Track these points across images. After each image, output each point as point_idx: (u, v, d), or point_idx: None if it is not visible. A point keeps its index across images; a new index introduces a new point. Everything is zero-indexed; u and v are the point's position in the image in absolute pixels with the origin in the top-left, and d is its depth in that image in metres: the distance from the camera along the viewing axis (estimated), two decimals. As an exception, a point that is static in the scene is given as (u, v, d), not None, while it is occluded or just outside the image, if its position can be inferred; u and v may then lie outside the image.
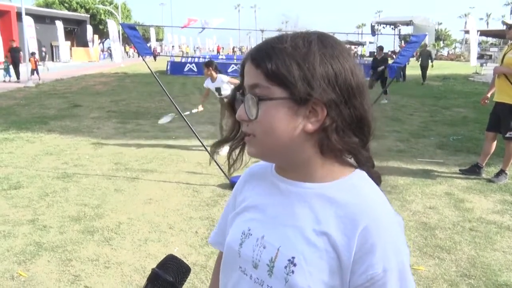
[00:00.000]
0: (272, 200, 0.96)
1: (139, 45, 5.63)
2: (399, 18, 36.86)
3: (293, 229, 0.89)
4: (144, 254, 3.66)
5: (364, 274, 0.83)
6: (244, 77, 0.91)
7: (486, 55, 40.64)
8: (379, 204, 0.90)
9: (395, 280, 0.84)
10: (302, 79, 0.84)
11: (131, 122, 9.87)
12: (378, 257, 0.83)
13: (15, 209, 4.62)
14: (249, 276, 0.94)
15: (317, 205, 0.89)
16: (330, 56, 0.86)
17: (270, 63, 0.85)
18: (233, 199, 1.10)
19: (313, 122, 0.86)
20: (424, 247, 3.87)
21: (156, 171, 6.09)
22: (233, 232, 1.00)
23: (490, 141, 5.89)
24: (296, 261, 0.86)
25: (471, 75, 24.95)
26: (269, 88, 0.85)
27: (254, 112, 0.86)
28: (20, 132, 8.49)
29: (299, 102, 0.84)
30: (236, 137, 0.99)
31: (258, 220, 0.96)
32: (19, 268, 3.45)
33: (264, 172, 1.03)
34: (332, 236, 0.85)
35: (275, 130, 0.86)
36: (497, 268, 3.53)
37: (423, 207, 4.82)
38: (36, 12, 36.17)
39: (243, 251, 0.95)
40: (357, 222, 0.84)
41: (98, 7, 54.51)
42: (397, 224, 0.89)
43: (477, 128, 8.85)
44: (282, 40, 0.88)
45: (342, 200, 0.88)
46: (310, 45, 0.86)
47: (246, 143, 0.93)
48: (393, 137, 8.32)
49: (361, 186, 0.91)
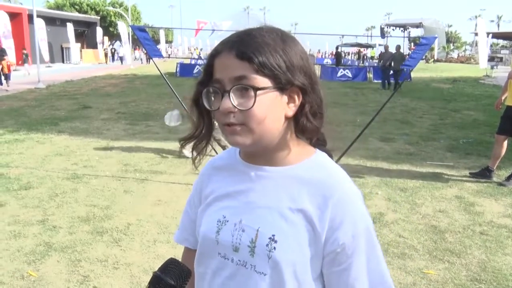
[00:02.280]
0: (244, 186, 1.02)
1: (149, 47, 5.66)
2: (408, 21, 36.68)
3: (269, 210, 0.97)
4: (153, 255, 3.66)
5: (336, 241, 0.93)
6: (217, 71, 0.93)
7: (496, 57, 40.32)
8: (345, 179, 0.99)
9: (363, 243, 0.94)
10: (286, 70, 0.92)
11: (141, 123, 9.91)
12: (347, 225, 0.93)
13: (25, 209, 4.66)
14: (230, 260, 0.99)
15: (290, 185, 0.97)
16: (298, 49, 0.96)
17: (260, 56, 0.90)
18: (196, 194, 1.15)
19: (291, 107, 0.95)
20: (434, 250, 3.84)
21: (165, 172, 6.11)
22: (207, 222, 1.04)
23: (501, 144, 5.85)
24: (277, 238, 0.94)
25: (482, 78, 24.76)
26: (256, 79, 0.90)
27: (249, 102, 0.89)
28: (30, 133, 8.56)
29: (282, 90, 0.92)
30: (201, 132, 1.04)
31: (232, 207, 1.01)
32: (29, 268, 3.48)
33: (228, 163, 1.10)
34: (308, 211, 0.94)
35: (266, 119, 0.92)
36: (508, 273, 3.49)
37: (433, 210, 4.79)
38: (47, 14, 36.49)
39: (221, 237, 1.00)
40: (328, 197, 0.94)
41: (108, 9, 54.90)
42: (359, 194, 0.99)
43: (488, 131, 8.78)
44: (261, 34, 0.93)
45: (312, 178, 0.97)
46: (284, 39, 0.95)
47: (230, 134, 0.94)
48: (402, 140, 8.28)
49: (327, 164, 1.01)
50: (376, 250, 0.97)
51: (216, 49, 0.95)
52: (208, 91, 0.96)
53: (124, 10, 51.63)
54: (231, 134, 0.94)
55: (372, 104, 13.22)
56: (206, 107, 0.97)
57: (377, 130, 9.00)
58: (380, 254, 0.98)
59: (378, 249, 0.97)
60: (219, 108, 0.92)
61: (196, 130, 1.04)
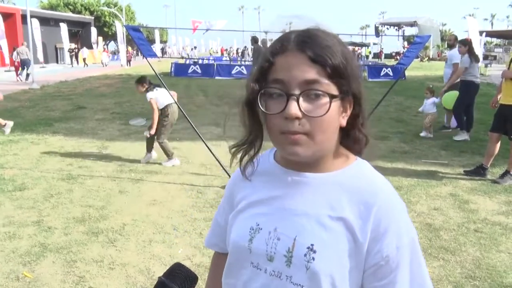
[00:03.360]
0: (280, 192, 0.95)
1: (143, 47, 5.65)
2: (403, 19, 36.86)
3: (307, 218, 0.90)
4: (149, 255, 3.66)
5: (379, 253, 0.87)
6: (280, 70, 0.85)
7: (490, 56, 40.47)
8: (388, 188, 0.94)
9: (407, 256, 0.89)
10: (349, 78, 0.87)
11: (135, 123, 9.88)
12: (391, 236, 0.87)
13: (20, 211, 4.64)
14: (263, 270, 0.93)
15: (330, 192, 0.91)
16: (351, 54, 0.90)
17: (333, 60, 0.84)
18: (228, 200, 1.08)
19: (344, 117, 0.90)
20: (428, 248, 3.86)
21: (161, 172, 6.10)
22: (239, 229, 0.98)
23: (494, 142, 5.88)
24: (316, 247, 0.88)
25: (476, 76, 24.84)
26: (329, 85, 0.85)
27: (322, 109, 0.84)
28: (25, 134, 8.53)
29: (342, 99, 0.88)
30: (255, 139, 0.97)
31: (266, 214, 0.95)
32: (24, 269, 3.47)
33: (262, 167, 1.02)
34: (348, 220, 0.88)
35: (330, 128, 0.87)
36: (502, 270, 3.51)
37: (428, 208, 4.81)
38: (41, 15, 36.34)
39: (255, 246, 0.94)
40: (371, 205, 0.88)
41: (103, 9, 54.72)
42: (404, 205, 0.94)
43: (482, 129, 8.81)
44: (326, 36, 0.87)
45: (353, 186, 0.91)
46: (342, 44, 0.89)
47: (290, 144, 0.86)
48: (397, 138, 8.30)
49: (369, 172, 0.96)
50: (421, 264, 0.92)
51: (281, 46, 0.87)
52: (268, 93, 0.87)
53: (119, 10, 51.50)
54: (291, 144, 0.86)
55: (367, 102, 13.21)
56: (262, 110, 0.88)
57: (372, 128, 9.00)
58: (425, 269, 0.92)
59: (423, 263, 0.92)
60: (284, 112, 0.84)
61: (249, 135, 0.96)
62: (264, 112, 0.88)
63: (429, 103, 8.61)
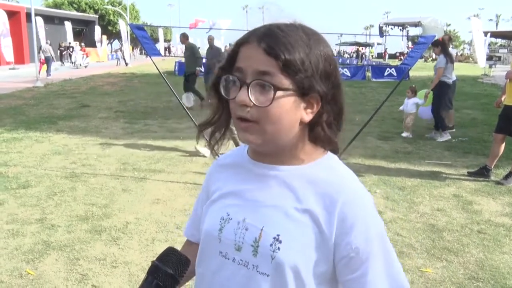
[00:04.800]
0: (250, 185, 0.99)
1: (147, 46, 5.65)
2: (407, 19, 36.77)
3: (274, 209, 0.93)
4: (151, 254, 3.67)
5: (348, 245, 0.89)
6: (241, 59, 0.90)
7: (495, 56, 40.35)
8: (354, 181, 0.96)
9: (378, 248, 0.91)
10: (311, 74, 0.88)
11: (139, 122, 9.90)
12: (359, 229, 0.89)
13: (23, 208, 4.66)
14: (231, 259, 0.96)
15: (297, 185, 0.94)
16: (326, 52, 0.91)
17: (288, 55, 0.86)
18: (205, 191, 1.13)
19: (308, 113, 0.92)
20: (431, 249, 3.85)
21: (164, 171, 6.11)
22: (211, 219, 1.01)
23: (499, 143, 5.86)
24: (281, 238, 0.90)
25: (480, 77, 24.77)
26: (280, 78, 0.87)
27: (267, 100, 0.86)
28: (28, 131, 8.55)
29: (302, 95, 0.89)
30: (219, 119, 1.00)
31: (237, 205, 0.98)
32: (27, 266, 3.48)
33: (236, 160, 1.07)
34: (314, 212, 0.91)
35: (281, 120, 0.89)
36: (506, 271, 3.50)
37: (431, 209, 4.80)
38: (45, 13, 36.45)
39: (224, 235, 0.97)
40: (336, 198, 0.91)
41: (107, 8, 54.82)
42: (370, 198, 0.96)
43: (486, 130, 8.79)
44: (291, 31, 0.89)
45: (320, 178, 0.94)
46: (313, 40, 0.90)
47: (242, 130, 0.91)
48: (401, 139, 8.29)
49: (337, 166, 0.98)
50: (391, 255, 0.93)
51: (244, 37, 0.91)
52: (227, 78, 0.92)
53: (123, 8, 51.55)
54: (243, 131, 0.91)
55: (371, 103, 13.22)
56: (222, 94, 0.93)
57: (375, 128, 9.01)
58: (395, 259, 0.94)
59: (393, 254, 0.94)
60: (235, 98, 0.89)
61: (214, 116, 1.01)
62: (224, 96, 0.93)
63: (411, 103, 8.61)
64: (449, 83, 8.16)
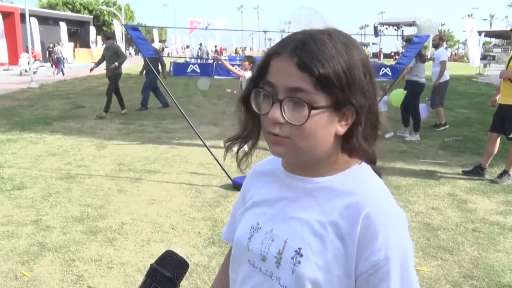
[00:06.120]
0: (281, 195, 0.97)
1: (142, 46, 5.65)
2: (402, 19, 36.84)
3: (300, 222, 0.91)
4: (147, 255, 3.66)
5: (367, 261, 0.83)
6: (272, 73, 0.86)
7: (489, 55, 40.50)
8: (383, 193, 0.91)
9: (397, 270, 0.83)
10: (348, 88, 0.83)
11: (134, 123, 9.89)
12: (380, 244, 0.83)
13: (18, 210, 4.64)
14: (258, 268, 0.95)
15: (323, 197, 0.91)
16: (361, 61, 0.86)
17: (322, 69, 0.81)
18: (242, 196, 1.12)
19: (343, 125, 0.87)
20: (426, 247, 3.87)
21: (159, 171, 6.10)
22: (242, 227, 1.02)
23: (493, 142, 5.89)
24: (303, 252, 0.88)
25: (475, 76, 24.88)
26: (315, 94, 0.82)
27: (301, 118, 0.82)
28: (23, 133, 8.52)
29: (337, 109, 0.85)
30: (249, 134, 0.97)
31: (266, 215, 0.97)
32: (22, 268, 3.47)
33: (271, 169, 1.04)
34: (338, 225, 0.87)
35: (315, 137, 0.85)
36: (500, 269, 3.52)
37: (426, 207, 4.82)
38: (40, 14, 36.32)
39: (252, 245, 0.96)
40: (360, 209, 0.86)
41: (102, 8, 54.67)
42: (401, 216, 0.90)
43: (481, 129, 8.83)
44: (325, 41, 0.84)
45: (346, 189, 0.90)
46: (348, 50, 0.85)
47: (272, 143, 0.88)
48: (396, 138, 8.31)
49: (366, 177, 0.93)
50: (413, 283, 0.85)
51: (276, 49, 0.86)
52: (258, 92, 0.89)
53: (118, 9, 51.40)
54: (273, 144, 0.88)
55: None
56: (253, 108, 0.90)
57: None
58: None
59: (415, 282, 0.86)
60: (268, 114, 0.85)
61: (243, 131, 0.97)
62: (255, 111, 0.90)
63: (381, 102, 8.63)
64: (421, 82, 8.37)
